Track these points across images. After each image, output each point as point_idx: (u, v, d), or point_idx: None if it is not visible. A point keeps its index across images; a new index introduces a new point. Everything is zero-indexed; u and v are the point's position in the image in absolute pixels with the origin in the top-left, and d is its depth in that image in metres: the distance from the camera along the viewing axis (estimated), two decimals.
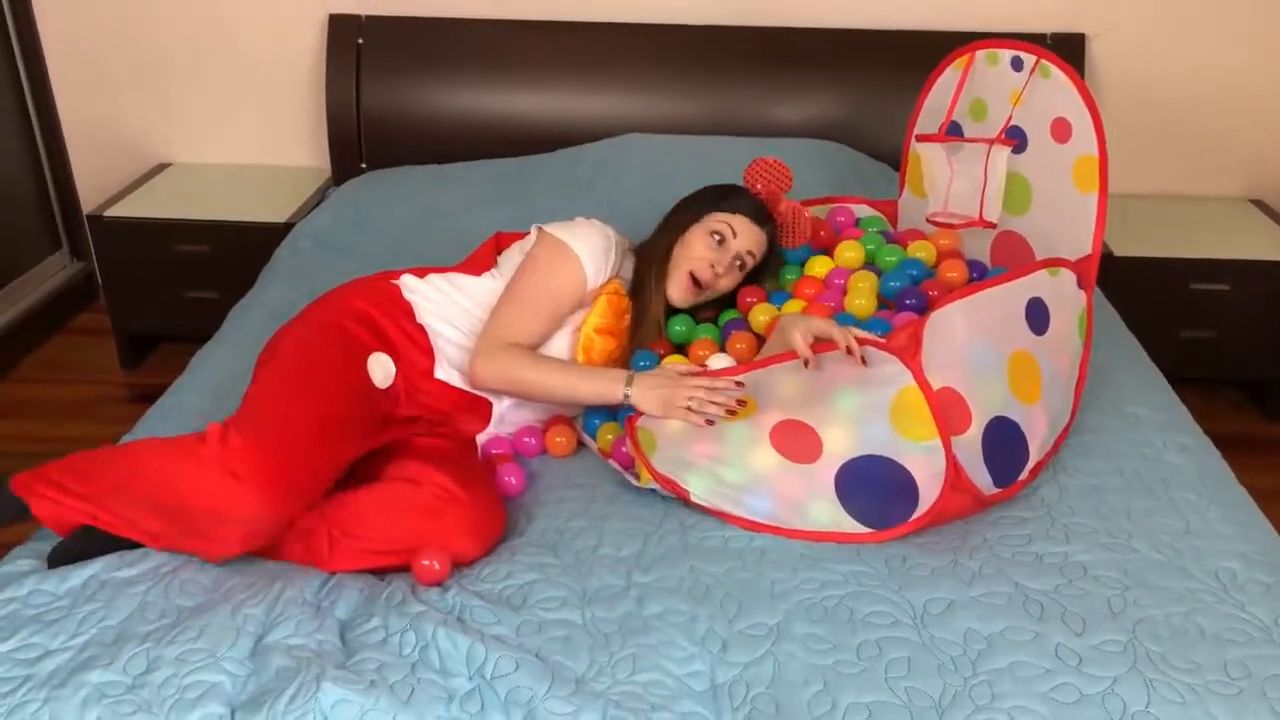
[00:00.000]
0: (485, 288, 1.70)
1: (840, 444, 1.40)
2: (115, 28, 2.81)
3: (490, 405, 1.66)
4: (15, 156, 2.87)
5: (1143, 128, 2.71)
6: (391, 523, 1.43)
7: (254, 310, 2.10)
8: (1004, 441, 1.42)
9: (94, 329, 2.98)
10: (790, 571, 1.36)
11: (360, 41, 2.70)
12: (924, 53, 2.58)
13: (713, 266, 1.69)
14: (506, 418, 1.68)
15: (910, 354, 1.37)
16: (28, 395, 2.69)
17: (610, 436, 1.62)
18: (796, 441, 1.41)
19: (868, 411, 1.38)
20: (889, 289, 1.68)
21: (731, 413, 1.45)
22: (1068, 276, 1.56)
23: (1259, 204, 2.74)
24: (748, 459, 1.43)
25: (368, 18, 2.71)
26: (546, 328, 1.64)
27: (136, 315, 2.74)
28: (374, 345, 1.58)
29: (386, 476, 1.51)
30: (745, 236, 1.72)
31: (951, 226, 1.79)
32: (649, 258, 1.72)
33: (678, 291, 1.71)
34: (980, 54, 1.72)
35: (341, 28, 2.70)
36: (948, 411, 1.37)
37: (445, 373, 1.63)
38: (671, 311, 1.75)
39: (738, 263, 1.72)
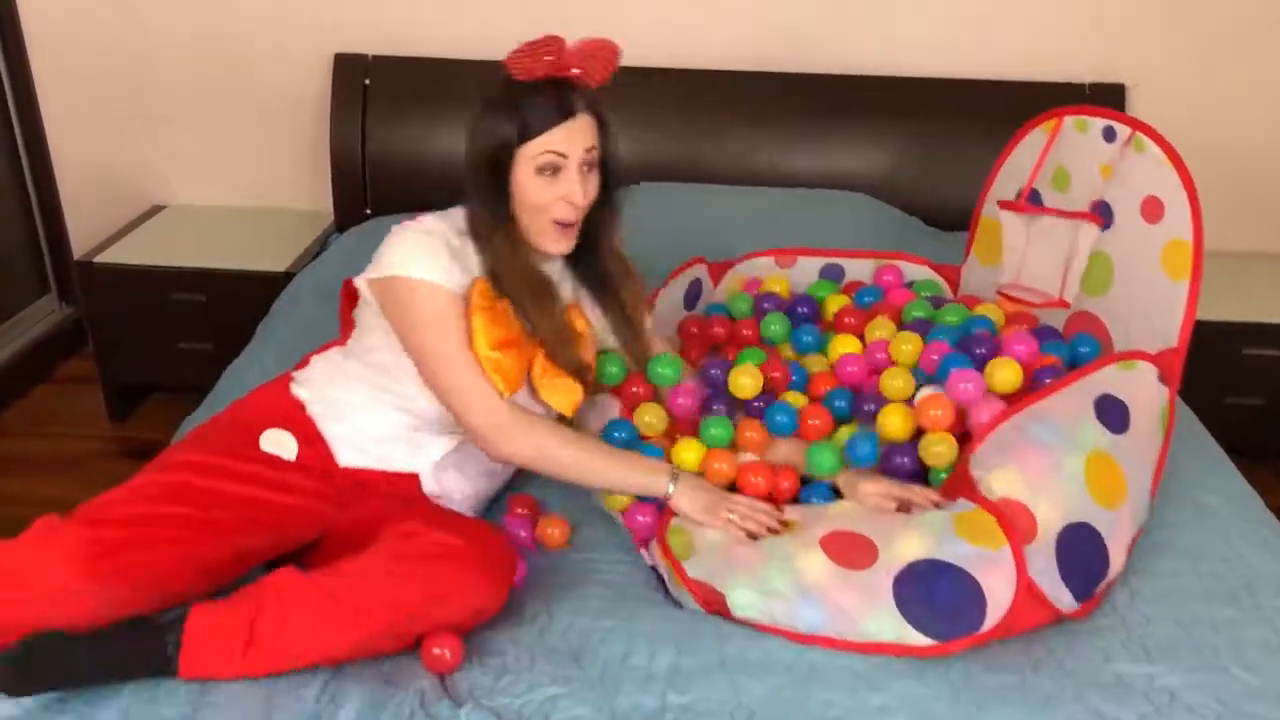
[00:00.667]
0: (355, 355, 1.51)
1: (899, 549, 1.27)
2: (112, 65, 2.70)
3: (416, 479, 1.49)
4: (3, 197, 2.75)
5: None
6: (394, 584, 1.28)
7: (249, 371, 1.96)
8: (1082, 550, 1.29)
9: (82, 377, 2.84)
10: (845, 692, 1.21)
11: (367, 82, 2.58)
12: (958, 101, 2.52)
13: (565, 199, 1.43)
14: (451, 494, 1.51)
15: (964, 490, 1.27)
16: (10, 450, 2.55)
17: (624, 499, 1.49)
18: (850, 549, 1.29)
19: (928, 522, 1.27)
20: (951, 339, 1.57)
21: (774, 531, 1.35)
22: (1146, 370, 1.43)
23: None
24: (796, 564, 1.30)
25: (375, 57, 2.60)
26: (476, 366, 1.42)
27: (126, 366, 2.60)
28: (264, 426, 1.45)
29: (379, 538, 1.37)
30: (573, 141, 1.42)
31: (1024, 303, 1.66)
32: (491, 241, 1.44)
33: (554, 245, 1.47)
34: (1069, 119, 1.60)
35: (348, 67, 2.59)
36: (1015, 520, 1.25)
37: (349, 458, 1.47)
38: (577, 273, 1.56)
39: (585, 169, 1.45)
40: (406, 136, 2.59)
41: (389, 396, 1.48)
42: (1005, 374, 1.46)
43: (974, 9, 2.50)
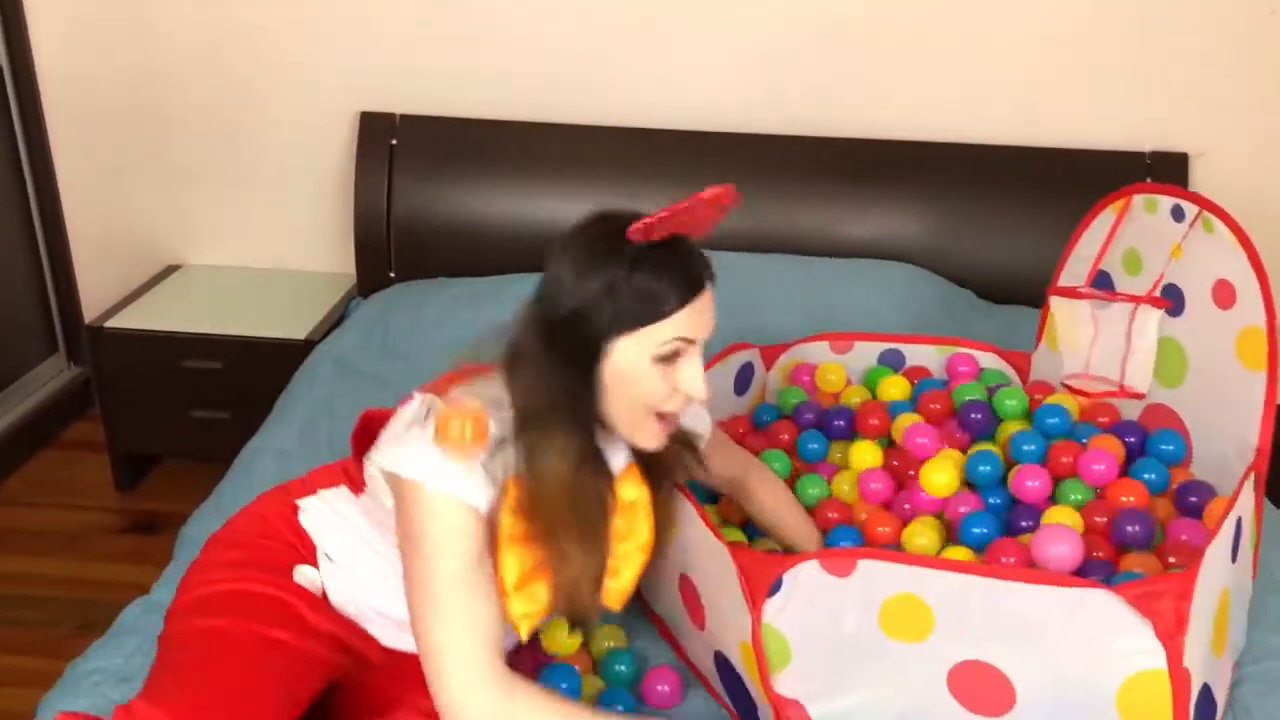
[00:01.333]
0: (362, 515, 1.29)
1: (1039, 708, 1.10)
2: (128, 121, 2.62)
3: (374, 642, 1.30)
4: (14, 254, 2.67)
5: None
6: None
7: (266, 452, 1.84)
8: (1204, 712, 1.15)
9: (88, 442, 2.72)
10: None
11: (394, 142, 2.49)
12: (1011, 169, 2.41)
13: (688, 393, 1.17)
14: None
15: (1171, 630, 1.05)
16: (12, 522, 2.43)
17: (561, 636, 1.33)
18: (982, 691, 1.12)
19: (1090, 680, 1.08)
20: (1020, 451, 1.43)
21: None
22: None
23: None
24: (918, 703, 1.15)
25: (402, 117, 2.50)
26: (490, 607, 1.14)
27: (136, 434, 2.49)
28: (294, 559, 1.27)
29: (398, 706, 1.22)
30: (697, 325, 1.15)
31: (1088, 394, 1.54)
32: (551, 444, 1.14)
33: (653, 442, 1.20)
34: (1138, 199, 1.49)
35: (374, 126, 2.50)
36: (1185, 698, 1.08)
37: (339, 602, 1.28)
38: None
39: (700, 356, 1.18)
40: (433, 198, 2.50)
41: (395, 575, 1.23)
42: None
43: (1028, 74, 2.41)
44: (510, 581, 1.16)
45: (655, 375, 1.14)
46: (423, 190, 2.50)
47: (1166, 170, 2.37)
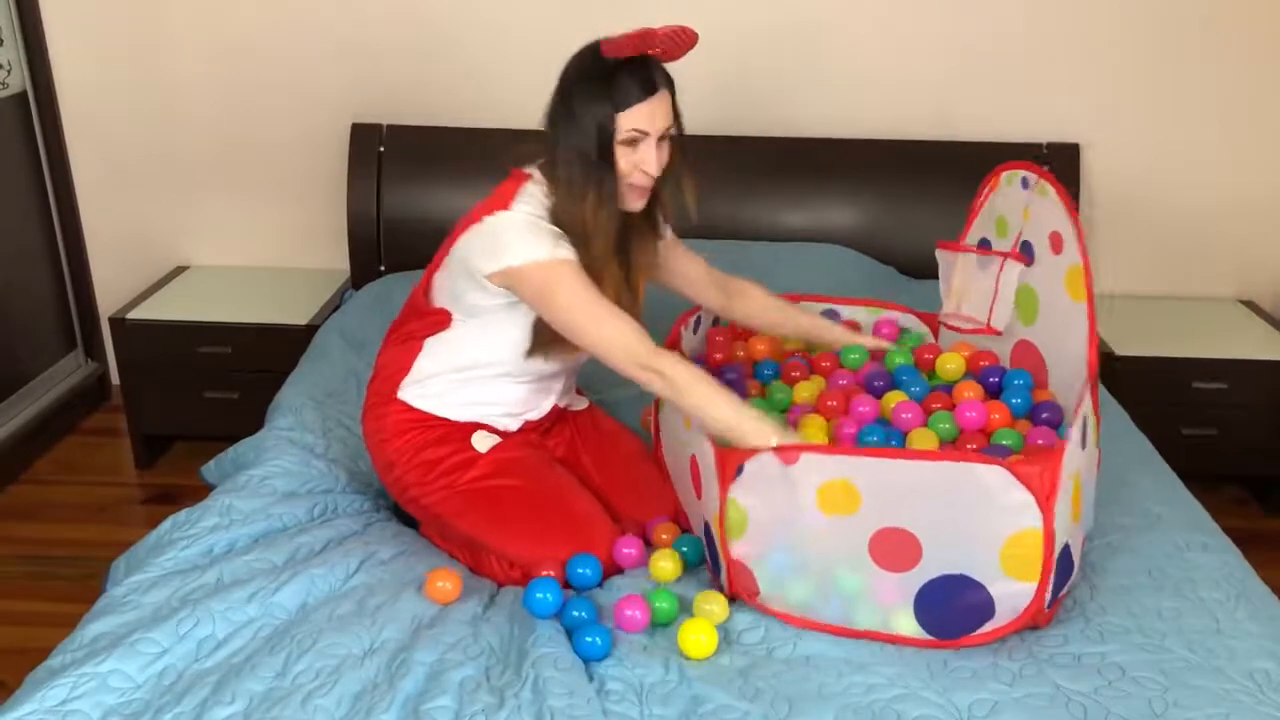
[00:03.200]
0: (469, 339, 1.72)
1: (938, 561, 1.40)
2: (141, 134, 2.89)
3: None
4: (36, 258, 2.92)
5: (1137, 233, 2.82)
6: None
7: (301, 398, 2.11)
8: (1063, 567, 1.46)
9: (106, 430, 3.00)
10: (835, 676, 1.38)
11: (381, 149, 2.79)
12: (928, 162, 2.74)
13: (640, 167, 1.62)
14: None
15: (1047, 496, 1.35)
16: (42, 497, 2.69)
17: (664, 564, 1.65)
18: (895, 551, 1.42)
19: (981, 537, 1.38)
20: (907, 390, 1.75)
21: None
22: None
23: (1250, 304, 2.84)
24: (838, 578, 1.45)
25: (389, 127, 2.80)
26: (616, 308, 1.61)
27: (154, 416, 2.76)
28: (463, 432, 1.74)
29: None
30: (654, 117, 1.60)
31: (959, 329, 1.87)
32: (584, 202, 1.60)
33: (633, 204, 1.68)
34: (1004, 175, 1.81)
35: (364, 136, 2.79)
36: (1052, 555, 1.38)
37: (499, 422, 1.78)
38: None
39: (661, 142, 1.64)
40: (418, 199, 2.79)
41: (498, 370, 1.74)
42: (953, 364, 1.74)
43: (942, 77, 2.74)
44: None
45: (622, 153, 1.60)
46: (408, 192, 2.79)
47: (1061, 159, 2.71)
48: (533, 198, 1.65)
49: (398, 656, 1.40)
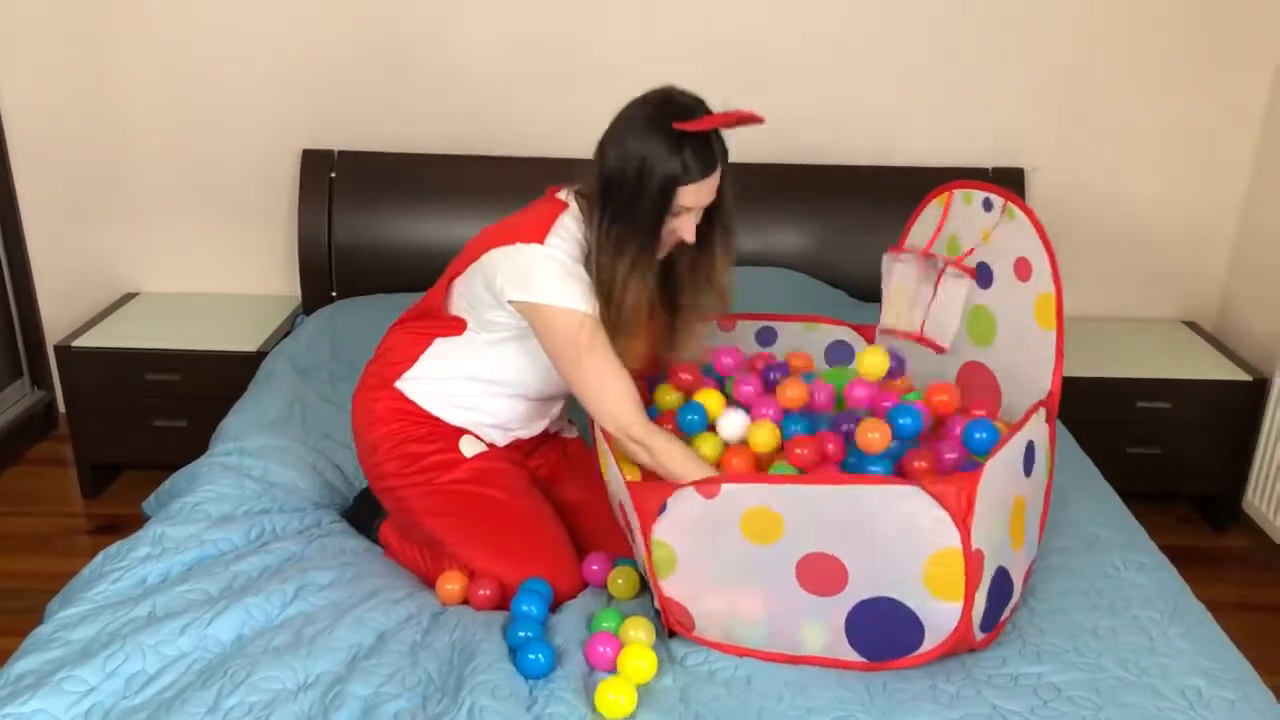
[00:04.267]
0: (478, 351, 1.74)
1: (864, 584, 1.41)
2: (88, 159, 2.87)
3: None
4: None
5: (1081, 255, 2.87)
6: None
7: (247, 425, 2.09)
8: (1000, 590, 1.47)
9: (53, 459, 2.95)
10: (776, 699, 1.38)
11: (333, 175, 2.78)
12: (875, 188, 2.77)
13: (676, 233, 1.64)
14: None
15: (963, 515, 1.36)
16: None
17: (620, 581, 1.65)
18: (821, 576, 1.42)
19: (902, 558, 1.39)
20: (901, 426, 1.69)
21: None
22: (1039, 413, 1.63)
23: (1192, 325, 2.88)
24: (771, 592, 1.45)
25: (340, 153, 2.80)
26: (625, 374, 1.62)
27: (101, 445, 2.72)
28: (452, 432, 1.76)
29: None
30: (705, 195, 1.62)
31: (897, 334, 1.89)
32: (620, 258, 1.59)
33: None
34: (958, 193, 1.82)
35: (315, 162, 2.79)
36: (976, 574, 1.40)
37: (488, 433, 1.79)
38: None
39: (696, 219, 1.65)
40: (370, 225, 2.78)
41: (499, 387, 1.76)
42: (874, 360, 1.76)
43: (889, 106, 2.77)
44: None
45: (667, 221, 1.61)
46: (360, 218, 2.78)
47: (1005, 183, 2.74)
48: (567, 232, 1.65)
49: (332, 689, 1.38)
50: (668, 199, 1.57)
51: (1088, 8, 2.68)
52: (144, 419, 2.68)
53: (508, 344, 1.72)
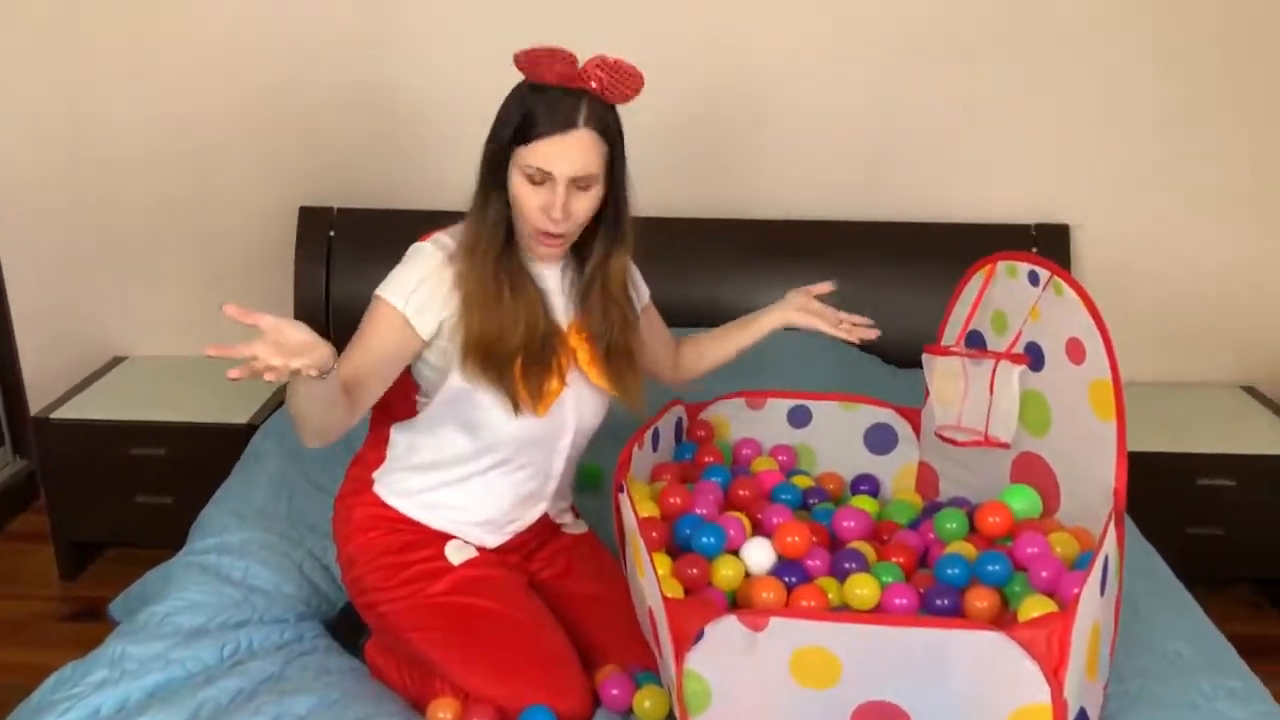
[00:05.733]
0: (432, 425, 1.56)
1: None
2: (73, 217, 2.73)
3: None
4: None
5: (1130, 316, 2.68)
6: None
7: (228, 521, 1.89)
8: None
9: (34, 533, 2.77)
10: None
11: (332, 234, 2.62)
12: (910, 244, 2.60)
13: (544, 211, 1.43)
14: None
15: (1055, 667, 1.17)
16: None
17: (648, 704, 1.45)
18: None
19: (980, 713, 1.20)
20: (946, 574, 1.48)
21: None
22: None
23: (1251, 390, 2.68)
24: None
25: (340, 210, 2.64)
26: (361, 374, 1.46)
27: (81, 522, 2.55)
28: (436, 538, 1.59)
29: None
30: (564, 159, 1.41)
31: (957, 443, 1.69)
32: (475, 223, 1.49)
33: (538, 251, 1.51)
34: (1001, 265, 1.65)
35: (312, 220, 2.64)
36: None
37: (476, 535, 1.61)
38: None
39: (580, 188, 1.45)
40: (370, 285, 2.52)
41: (472, 463, 1.58)
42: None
43: (928, 156, 2.61)
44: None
45: (529, 194, 1.43)
46: (360, 277, 2.60)
47: (1050, 241, 2.57)
48: (455, 232, 1.56)
49: None
50: (501, 157, 1.45)
51: (1134, 53, 2.51)
52: (127, 495, 2.51)
53: (446, 407, 1.53)
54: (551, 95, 1.41)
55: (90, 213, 2.73)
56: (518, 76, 1.47)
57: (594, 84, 1.41)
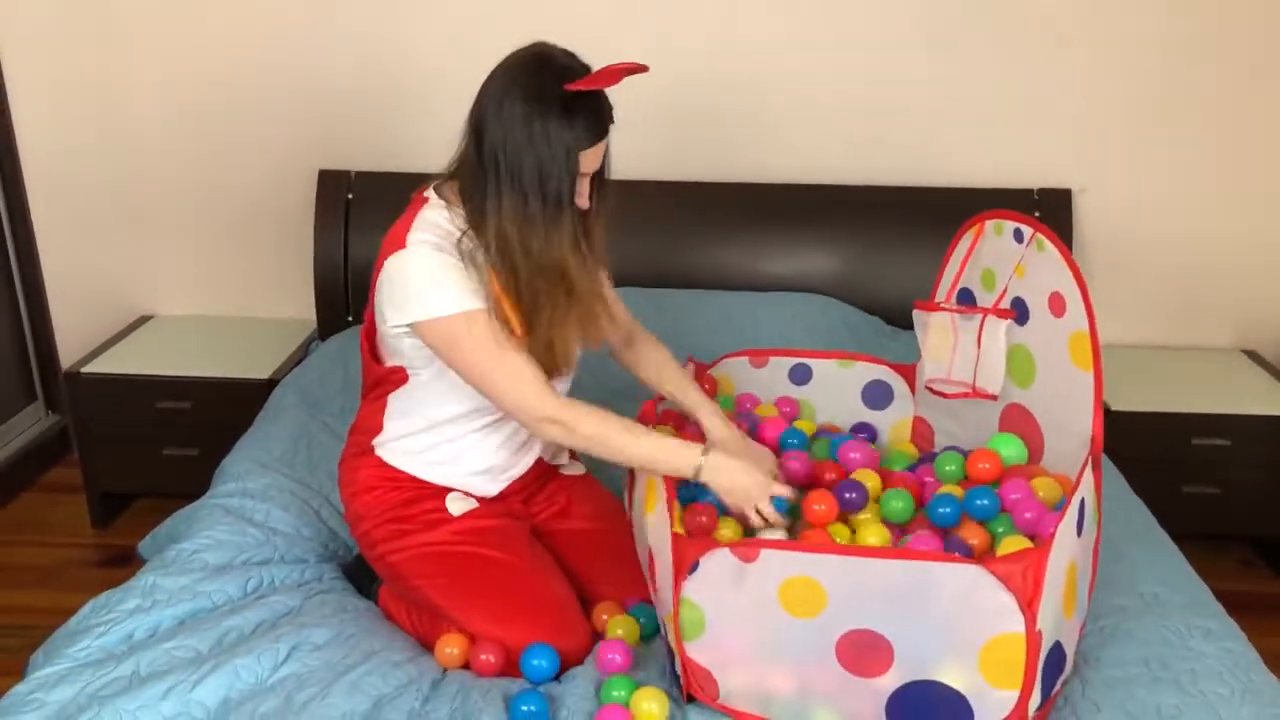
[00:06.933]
0: (428, 392, 1.62)
1: (912, 667, 1.29)
2: (102, 180, 2.81)
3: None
4: None
5: (1132, 280, 2.71)
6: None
7: (249, 466, 1.99)
8: (1054, 665, 1.34)
9: (67, 485, 2.88)
10: None
11: (350, 196, 2.70)
12: (913, 208, 2.64)
13: (578, 203, 1.54)
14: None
15: (1029, 599, 1.24)
16: None
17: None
18: (864, 655, 1.30)
19: (957, 640, 1.27)
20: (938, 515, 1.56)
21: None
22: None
23: (1252, 354, 2.72)
24: (807, 670, 1.33)
25: (357, 173, 2.71)
26: (524, 357, 1.52)
27: (111, 473, 2.65)
28: (437, 491, 1.66)
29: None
30: (600, 156, 1.53)
31: (946, 395, 1.75)
32: (533, 237, 1.48)
33: None
34: (989, 223, 1.70)
35: (331, 183, 2.70)
36: (1036, 659, 1.27)
37: (477, 485, 1.68)
38: None
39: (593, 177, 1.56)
40: None
41: (466, 422, 1.64)
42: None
43: (930, 118, 2.64)
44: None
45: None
46: (377, 240, 2.65)
47: (1052, 205, 2.61)
48: (427, 224, 1.54)
49: None
50: (573, 167, 1.47)
51: (1137, 18, 2.53)
52: (155, 447, 2.60)
53: (446, 370, 1.58)
54: (590, 103, 1.47)
55: (117, 177, 2.80)
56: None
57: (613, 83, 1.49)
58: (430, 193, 1.60)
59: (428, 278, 1.49)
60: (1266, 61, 2.54)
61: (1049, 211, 2.60)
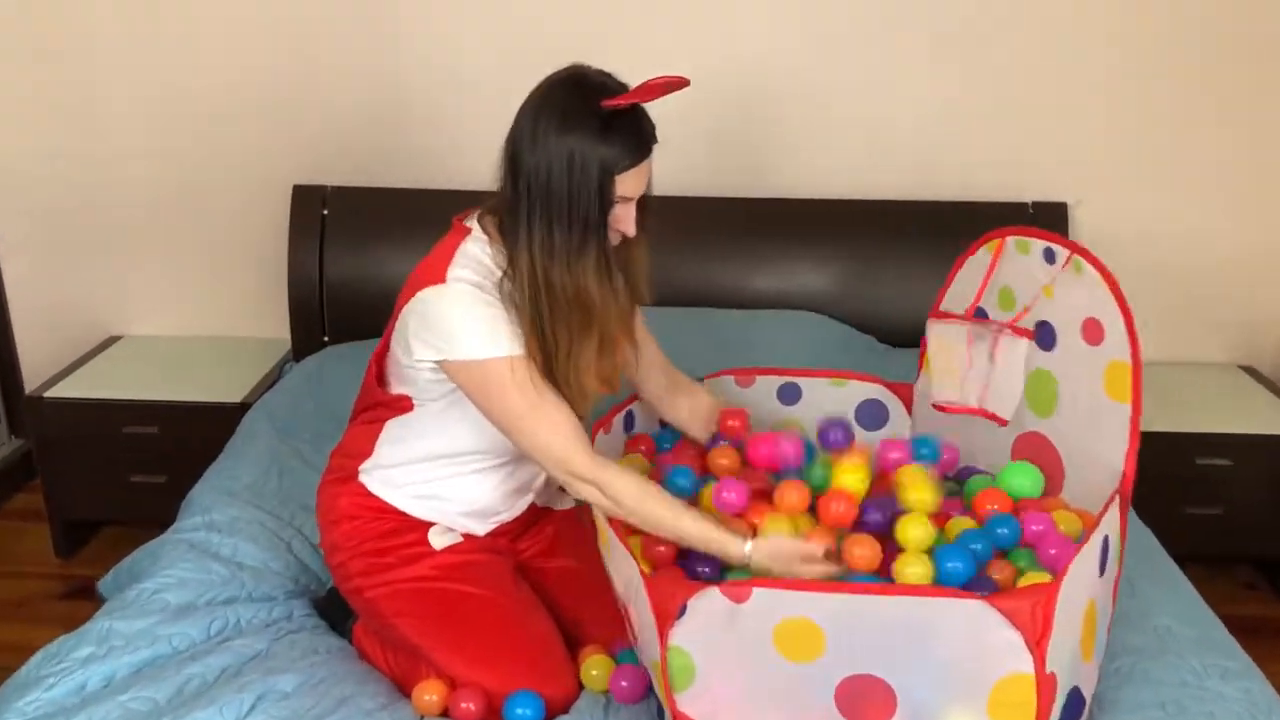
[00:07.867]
0: (431, 425, 1.54)
1: (916, 713, 1.21)
2: (70, 196, 2.71)
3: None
4: None
5: (1131, 296, 2.61)
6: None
7: (216, 498, 1.90)
8: (1072, 711, 1.26)
9: (30, 512, 2.77)
10: None
11: (325, 212, 2.61)
12: (906, 222, 2.57)
13: (615, 227, 1.44)
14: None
15: (1038, 637, 1.16)
16: None
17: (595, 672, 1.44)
18: (866, 702, 1.22)
19: (962, 690, 1.19)
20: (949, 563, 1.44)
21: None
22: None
23: (1250, 370, 2.66)
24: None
25: (333, 188, 2.63)
26: (564, 408, 1.43)
27: (76, 501, 2.55)
28: (420, 525, 1.57)
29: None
30: (644, 179, 1.44)
31: (952, 410, 1.67)
32: (569, 269, 1.39)
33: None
34: (1010, 240, 1.61)
35: (306, 198, 2.62)
36: (1049, 702, 1.19)
37: (465, 524, 1.59)
38: None
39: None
40: (364, 264, 2.60)
41: (464, 461, 1.56)
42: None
43: (923, 132, 2.58)
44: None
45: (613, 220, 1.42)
46: (353, 257, 2.61)
47: (1047, 218, 2.54)
48: (469, 259, 1.45)
49: None
50: (608, 191, 1.38)
51: (1134, 29, 2.48)
52: (121, 474, 2.50)
53: (458, 405, 1.50)
54: (630, 122, 1.39)
55: (85, 192, 2.71)
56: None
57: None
58: (473, 222, 1.50)
59: (467, 318, 1.40)
60: (1262, 77, 2.49)
61: (1045, 225, 2.53)
